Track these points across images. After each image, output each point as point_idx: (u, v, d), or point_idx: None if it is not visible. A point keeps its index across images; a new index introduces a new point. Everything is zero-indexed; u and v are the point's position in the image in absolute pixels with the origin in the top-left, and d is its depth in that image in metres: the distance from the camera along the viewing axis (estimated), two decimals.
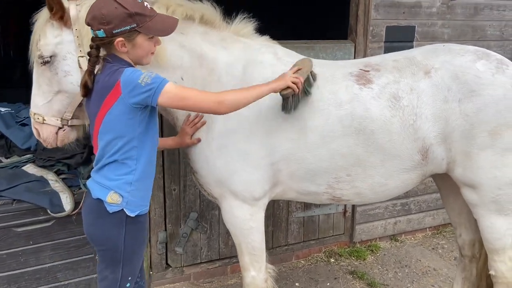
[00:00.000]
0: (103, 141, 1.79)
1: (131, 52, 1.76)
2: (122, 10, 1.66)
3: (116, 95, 1.69)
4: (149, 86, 1.67)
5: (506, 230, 2.30)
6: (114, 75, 1.70)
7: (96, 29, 1.68)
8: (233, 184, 2.15)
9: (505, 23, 3.92)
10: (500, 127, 2.13)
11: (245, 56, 2.17)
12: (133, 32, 1.70)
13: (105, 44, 1.73)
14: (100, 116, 1.76)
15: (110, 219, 1.83)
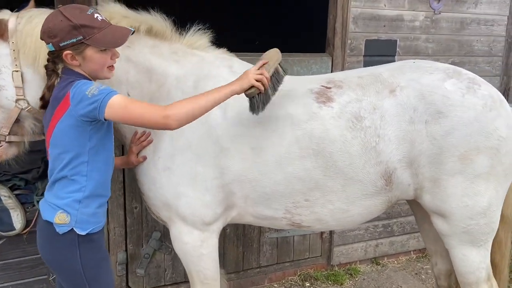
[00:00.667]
0: (53, 155, 1.73)
1: (83, 65, 1.70)
2: (67, 23, 1.62)
3: (65, 107, 1.64)
4: (96, 97, 1.60)
5: (480, 263, 2.13)
6: (66, 87, 1.66)
7: (46, 42, 1.66)
8: (180, 207, 2.00)
9: (493, 39, 3.76)
10: (471, 152, 1.97)
11: (197, 70, 2.04)
12: (80, 44, 1.64)
13: (55, 57, 1.69)
14: (50, 128, 1.70)
15: (62, 240, 1.73)
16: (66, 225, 1.71)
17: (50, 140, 1.71)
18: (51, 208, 1.73)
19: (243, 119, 1.98)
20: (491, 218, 2.06)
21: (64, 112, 1.64)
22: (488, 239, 2.12)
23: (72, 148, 1.68)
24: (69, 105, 1.63)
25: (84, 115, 1.62)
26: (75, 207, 1.72)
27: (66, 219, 1.71)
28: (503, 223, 2.25)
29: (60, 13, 1.64)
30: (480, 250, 2.11)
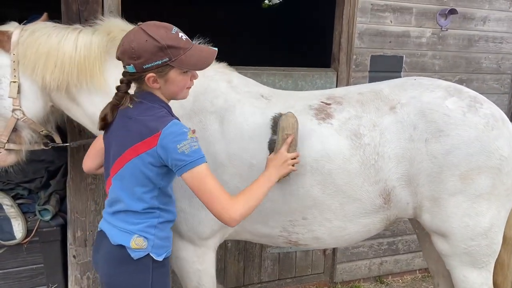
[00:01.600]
0: (122, 185, 1.62)
1: (163, 88, 1.61)
2: (153, 43, 1.51)
3: (151, 144, 1.54)
4: (184, 158, 1.51)
5: (481, 285, 2.08)
6: (157, 121, 1.55)
7: (126, 63, 1.55)
8: (177, 223, 1.97)
9: (502, 56, 3.72)
10: (472, 171, 1.93)
11: (196, 84, 2.03)
12: (165, 66, 1.55)
13: (135, 79, 1.60)
14: (124, 158, 1.60)
15: (135, 266, 1.63)
16: (142, 250, 1.62)
17: (120, 170, 1.61)
18: (123, 232, 1.63)
19: (241, 135, 1.97)
20: (493, 239, 2.02)
21: (147, 150, 1.54)
22: (490, 261, 2.07)
23: (145, 184, 1.60)
24: (155, 145, 1.52)
25: (166, 161, 1.55)
26: (151, 232, 1.65)
27: (143, 244, 1.62)
28: (505, 245, 2.20)
29: (144, 32, 1.52)
30: (482, 272, 2.06)
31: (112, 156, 1.65)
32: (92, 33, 1.93)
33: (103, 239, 1.68)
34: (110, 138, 1.67)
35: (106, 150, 1.72)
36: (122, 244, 1.62)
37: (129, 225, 1.63)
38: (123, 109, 1.63)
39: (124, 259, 1.62)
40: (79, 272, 2.76)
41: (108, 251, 1.66)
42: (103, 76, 1.92)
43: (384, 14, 3.23)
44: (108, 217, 1.69)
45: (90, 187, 2.66)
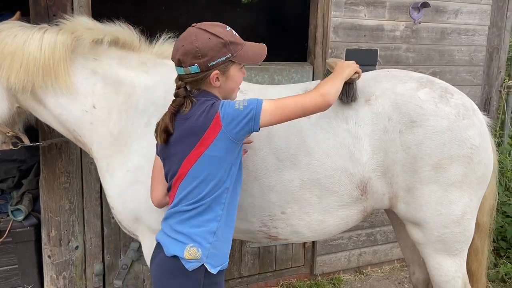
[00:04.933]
0: (190, 186, 1.59)
1: (223, 86, 1.62)
2: (217, 40, 1.54)
3: (216, 129, 1.54)
4: (248, 108, 1.54)
5: (455, 272, 2.12)
6: (211, 109, 1.55)
7: (188, 64, 1.54)
8: (152, 221, 1.95)
9: (474, 48, 3.80)
10: (444, 161, 1.97)
11: (168, 79, 2.00)
12: (228, 63, 1.58)
13: (197, 80, 1.58)
14: (193, 157, 1.57)
15: (188, 278, 1.58)
16: (197, 261, 1.57)
17: (190, 171, 1.57)
18: (178, 242, 1.59)
19: None
20: (466, 227, 2.06)
21: (215, 137, 1.53)
22: (464, 248, 2.11)
23: (218, 174, 1.57)
24: (220, 126, 1.53)
25: (239, 132, 1.54)
26: (209, 239, 1.59)
27: (198, 254, 1.57)
28: (479, 231, 2.25)
29: (204, 31, 1.54)
30: (456, 259, 2.11)
31: (177, 162, 1.60)
32: (57, 33, 1.88)
33: (157, 250, 1.67)
34: (172, 147, 1.61)
35: (167, 160, 1.65)
36: (176, 255, 1.58)
37: (188, 228, 1.58)
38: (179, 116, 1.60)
39: (178, 271, 1.58)
40: (55, 272, 2.71)
41: (161, 262, 1.63)
42: (68, 76, 1.88)
43: (358, 8, 3.26)
44: (165, 226, 1.66)
45: (64, 186, 2.61)
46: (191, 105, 1.58)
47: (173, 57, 1.59)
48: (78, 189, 2.67)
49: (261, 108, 1.55)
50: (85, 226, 2.75)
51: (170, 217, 1.65)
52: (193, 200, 1.59)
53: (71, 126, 1.99)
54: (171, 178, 1.66)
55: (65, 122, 1.98)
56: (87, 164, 2.66)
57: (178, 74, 1.61)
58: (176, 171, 1.61)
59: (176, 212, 1.62)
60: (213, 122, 1.53)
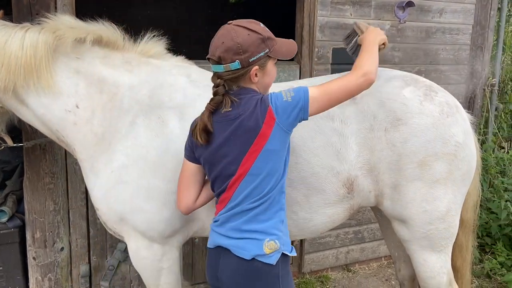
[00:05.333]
0: (253, 183, 1.57)
1: (260, 81, 1.62)
2: (256, 36, 1.56)
3: (271, 123, 1.55)
4: (296, 98, 1.57)
5: (440, 268, 2.15)
6: (262, 104, 1.56)
7: (229, 61, 1.54)
8: (137, 221, 1.93)
9: (458, 47, 3.85)
10: (429, 158, 1.99)
11: (152, 78, 1.99)
12: (266, 58, 1.60)
13: (237, 77, 1.58)
14: (252, 155, 1.56)
15: (268, 274, 1.57)
16: (277, 252, 1.57)
17: (250, 170, 1.56)
18: (253, 240, 1.57)
19: None
20: (450, 223, 2.09)
21: (271, 131, 1.54)
22: (448, 244, 2.14)
23: (278, 166, 1.59)
24: (274, 119, 1.54)
25: (291, 123, 1.58)
26: (280, 228, 1.61)
27: (276, 246, 1.57)
28: (463, 228, 2.29)
29: (242, 27, 1.56)
30: (441, 255, 2.13)
31: (233, 162, 1.58)
32: (39, 32, 1.85)
33: (223, 256, 1.61)
34: (223, 148, 1.58)
35: (216, 164, 1.61)
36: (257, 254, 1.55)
37: (258, 224, 1.57)
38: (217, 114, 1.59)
39: (261, 270, 1.55)
40: (40, 274, 2.67)
41: (238, 269, 1.58)
42: (51, 75, 1.86)
43: (344, 7, 3.28)
44: (230, 232, 1.60)
45: (48, 187, 2.57)
46: (230, 103, 1.57)
47: (213, 55, 1.57)
48: (63, 190, 2.64)
49: (309, 96, 1.58)
50: (70, 227, 2.72)
51: (231, 220, 1.61)
52: (258, 196, 1.58)
53: (54, 126, 1.96)
54: (225, 180, 1.61)
55: (48, 122, 1.96)
56: (72, 164, 2.63)
57: (216, 72, 1.60)
58: (234, 172, 1.58)
59: (239, 212, 1.60)
60: (267, 116, 1.54)
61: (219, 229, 1.65)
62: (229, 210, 1.62)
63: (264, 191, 1.58)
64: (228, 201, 1.63)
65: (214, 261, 1.66)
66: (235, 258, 1.57)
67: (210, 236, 1.71)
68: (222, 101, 1.58)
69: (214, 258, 1.66)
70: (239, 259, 1.57)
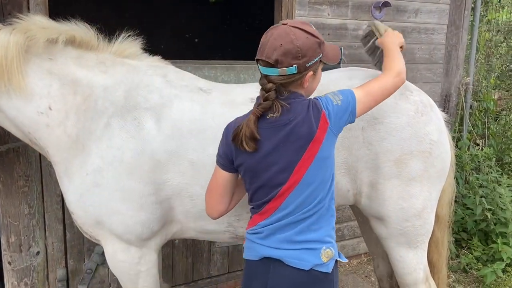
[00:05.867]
0: (306, 192, 1.51)
1: (310, 85, 1.56)
2: (313, 40, 1.49)
3: (325, 128, 1.50)
4: (345, 101, 1.56)
5: (417, 264, 2.18)
6: (314, 109, 1.52)
7: (286, 65, 1.45)
8: (114, 225, 1.90)
9: (434, 47, 3.92)
10: (405, 156, 2.02)
11: (127, 79, 1.96)
12: (319, 62, 1.54)
13: (291, 82, 1.49)
14: (305, 162, 1.50)
15: (327, 282, 1.54)
16: (332, 259, 1.55)
17: (303, 179, 1.50)
18: (309, 250, 1.52)
19: (180, 132, 1.91)
20: (426, 220, 2.13)
21: (324, 136, 1.49)
22: (424, 240, 2.18)
23: (330, 173, 1.55)
24: (328, 124, 1.50)
25: (341, 127, 1.56)
26: (333, 235, 1.57)
27: (332, 253, 1.54)
28: (438, 224, 2.33)
29: (300, 29, 1.47)
30: (417, 251, 2.17)
31: (283, 171, 1.51)
32: (10, 32, 1.81)
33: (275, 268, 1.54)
34: (270, 157, 1.51)
35: (263, 173, 1.53)
36: (315, 264, 1.51)
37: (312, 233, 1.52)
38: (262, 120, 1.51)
39: (319, 280, 1.52)
40: (16, 279, 2.61)
41: (294, 279, 1.52)
42: (22, 77, 1.81)
43: (322, 7, 3.30)
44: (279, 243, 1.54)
45: (23, 190, 2.52)
46: (281, 109, 1.49)
47: (268, 57, 1.46)
48: (38, 193, 2.59)
49: (355, 99, 1.58)
50: (46, 231, 2.66)
51: (280, 231, 1.54)
52: (310, 205, 1.52)
53: (26, 128, 1.92)
54: (272, 189, 1.53)
55: (20, 124, 1.91)
56: (47, 167, 2.57)
57: (267, 75, 1.49)
58: (284, 180, 1.51)
59: (290, 223, 1.53)
60: (321, 121, 1.50)
61: (264, 242, 1.57)
62: (277, 221, 1.54)
63: (317, 199, 1.53)
64: (273, 212, 1.55)
65: (261, 273, 1.57)
66: (291, 269, 1.52)
67: (251, 248, 1.62)
68: (272, 107, 1.50)
69: (262, 270, 1.57)
70: (295, 270, 1.51)
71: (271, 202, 1.55)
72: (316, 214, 1.54)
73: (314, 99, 1.56)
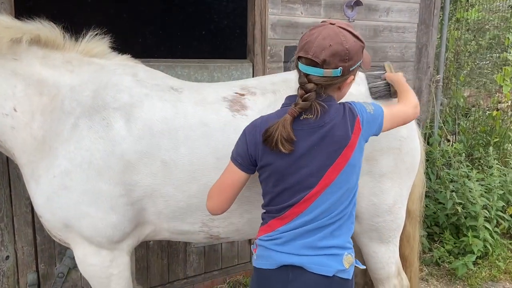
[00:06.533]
0: (333, 198, 1.49)
1: (343, 90, 1.55)
2: (359, 44, 1.48)
3: (358, 134, 1.50)
4: (377, 112, 1.58)
5: (389, 258, 2.23)
6: (350, 114, 1.52)
7: (333, 67, 1.42)
8: (84, 228, 1.86)
9: (405, 45, 4.00)
10: (376, 153, 2.06)
11: (95, 78, 1.92)
12: (358, 68, 1.52)
13: (332, 84, 1.47)
14: (337, 167, 1.47)
15: (349, 284, 1.53)
16: (352, 265, 1.54)
17: (333, 184, 1.47)
18: (332, 256, 1.49)
19: (151, 132, 1.89)
20: (397, 215, 2.17)
21: (358, 140, 1.48)
22: (396, 235, 2.22)
23: (357, 180, 1.55)
24: (360, 130, 1.50)
25: (369, 135, 1.56)
26: (351, 241, 1.56)
27: (352, 259, 1.53)
28: (410, 218, 2.38)
29: (348, 32, 1.45)
30: (389, 246, 2.21)
31: (312, 175, 1.48)
32: None
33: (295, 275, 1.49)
34: (301, 159, 1.48)
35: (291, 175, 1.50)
36: (338, 270, 1.49)
37: (334, 240, 1.50)
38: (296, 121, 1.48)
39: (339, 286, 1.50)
40: None
41: (316, 285, 1.48)
42: None
43: (295, 5, 3.32)
44: (300, 249, 1.50)
45: None
46: (319, 111, 1.46)
47: (316, 56, 1.42)
48: (6, 196, 2.51)
49: (383, 114, 1.60)
50: (15, 235, 2.59)
51: (303, 237, 1.51)
52: (336, 211, 1.51)
53: None
54: (298, 193, 1.50)
55: None
56: (15, 169, 2.50)
57: (308, 74, 1.46)
58: (313, 185, 1.48)
59: (314, 229, 1.50)
60: (355, 126, 1.49)
61: (283, 248, 1.52)
62: (300, 226, 1.51)
63: (342, 206, 1.52)
64: (296, 216, 1.51)
65: (278, 282, 1.51)
66: (314, 275, 1.48)
67: (265, 256, 1.56)
68: (310, 108, 1.46)
69: (279, 279, 1.51)
70: (318, 277, 1.47)
71: (295, 206, 1.51)
72: (340, 221, 1.53)
73: (348, 103, 1.54)
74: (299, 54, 1.49)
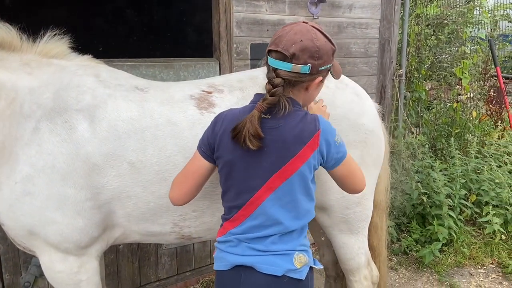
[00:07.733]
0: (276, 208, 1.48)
1: (310, 94, 1.53)
2: (330, 46, 1.48)
3: (313, 147, 1.45)
4: (341, 149, 1.52)
5: (358, 249, 2.27)
6: (309, 125, 1.46)
7: (302, 62, 1.41)
8: (49, 234, 1.80)
9: (368, 41, 4.08)
10: None
11: (55, 80, 1.86)
12: (327, 72, 1.52)
13: (297, 82, 1.46)
14: (286, 171, 1.45)
15: (304, 286, 1.49)
16: (306, 266, 1.50)
17: (281, 187, 1.45)
18: (282, 255, 1.47)
19: (116, 133, 1.85)
20: (365, 206, 2.22)
21: (312, 154, 1.45)
22: (364, 226, 2.27)
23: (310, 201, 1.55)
24: (317, 145, 1.44)
25: (320, 161, 1.49)
26: (305, 242, 1.55)
27: (306, 259, 1.50)
28: (376, 209, 2.44)
29: (320, 32, 1.46)
30: (358, 237, 2.26)
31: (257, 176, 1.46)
32: None
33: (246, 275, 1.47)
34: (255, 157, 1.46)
35: (237, 170, 1.49)
36: (287, 270, 1.45)
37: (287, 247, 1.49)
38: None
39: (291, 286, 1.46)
40: None
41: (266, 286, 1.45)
42: None
43: (259, 3, 3.33)
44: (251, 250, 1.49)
45: None
46: (283, 109, 1.44)
47: (285, 49, 1.41)
48: None
49: (345, 157, 1.53)
50: None
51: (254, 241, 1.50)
52: (285, 224, 1.50)
53: None
54: (244, 193, 1.50)
55: None
56: None
57: (276, 69, 1.44)
58: (258, 187, 1.47)
59: (263, 236, 1.49)
60: (312, 139, 1.44)
61: (234, 250, 1.52)
62: (248, 232, 1.51)
63: (292, 222, 1.51)
64: (244, 220, 1.51)
65: (232, 283, 1.51)
66: (263, 276, 1.46)
67: (221, 258, 1.57)
68: (277, 104, 1.44)
69: (232, 280, 1.51)
70: (268, 277, 1.46)
71: (242, 209, 1.52)
72: (291, 233, 1.52)
73: (315, 115, 1.51)
74: (269, 48, 1.49)
